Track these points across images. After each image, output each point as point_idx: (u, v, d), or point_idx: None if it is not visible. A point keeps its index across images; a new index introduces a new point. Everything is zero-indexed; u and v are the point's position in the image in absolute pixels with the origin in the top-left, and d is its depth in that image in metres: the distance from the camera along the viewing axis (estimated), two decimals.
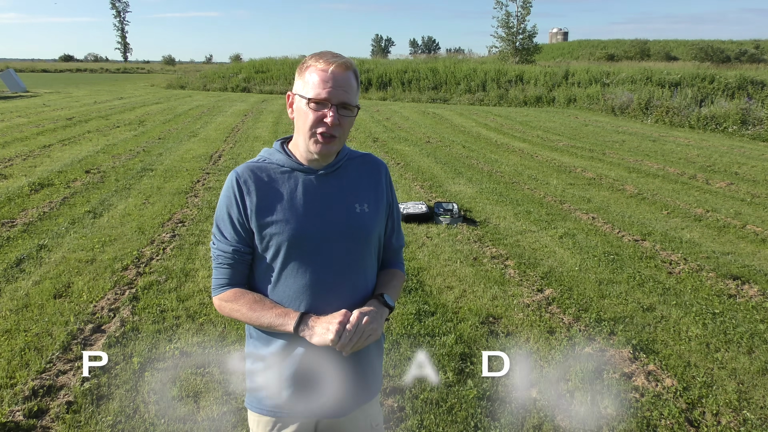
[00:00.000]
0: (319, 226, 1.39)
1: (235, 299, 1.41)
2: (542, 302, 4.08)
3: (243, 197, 1.37)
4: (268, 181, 1.40)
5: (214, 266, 1.43)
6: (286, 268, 1.39)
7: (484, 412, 2.79)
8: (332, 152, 1.39)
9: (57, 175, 7.88)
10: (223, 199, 1.40)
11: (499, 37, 36.52)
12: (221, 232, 1.40)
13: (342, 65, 1.34)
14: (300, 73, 1.39)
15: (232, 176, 1.40)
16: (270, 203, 1.37)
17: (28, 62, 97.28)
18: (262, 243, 1.39)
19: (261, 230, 1.37)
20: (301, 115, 1.36)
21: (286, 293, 1.40)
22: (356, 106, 1.38)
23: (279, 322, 1.36)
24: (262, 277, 1.43)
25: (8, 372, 3.05)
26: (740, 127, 14.41)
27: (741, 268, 4.79)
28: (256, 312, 1.38)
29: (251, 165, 1.42)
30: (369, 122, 15.55)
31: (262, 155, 1.46)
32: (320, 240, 1.39)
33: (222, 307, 1.44)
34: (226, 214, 1.39)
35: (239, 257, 1.40)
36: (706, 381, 3.12)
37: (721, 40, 54.07)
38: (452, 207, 6.21)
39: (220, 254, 1.41)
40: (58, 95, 24.65)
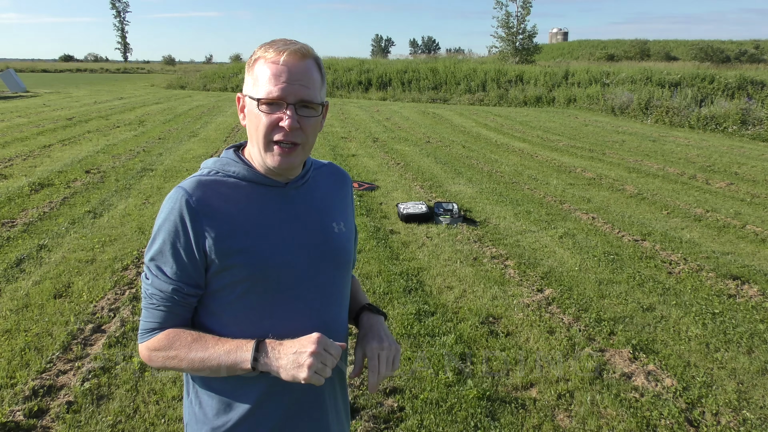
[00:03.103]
0: (295, 252, 1.13)
1: (169, 344, 1.09)
2: (542, 302, 4.09)
3: (195, 222, 1.06)
4: (227, 199, 1.10)
5: (144, 307, 1.12)
6: (253, 307, 1.11)
7: (484, 412, 2.79)
8: (295, 164, 1.12)
9: (57, 175, 7.88)
10: (165, 226, 1.08)
11: (499, 37, 36.51)
12: (159, 268, 1.08)
13: (297, 53, 1.07)
14: (248, 68, 1.12)
15: (177, 196, 1.08)
16: (231, 228, 1.08)
17: (28, 62, 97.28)
18: (220, 279, 1.09)
19: (221, 262, 1.07)
20: (253, 120, 1.09)
21: (249, 335, 1.09)
22: (321, 104, 1.11)
23: (230, 357, 1.06)
24: (216, 320, 1.13)
25: (8, 372, 3.05)
26: (740, 127, 14.41)
27: (741, 268, 4.79)
28: (197, 352, 1.07)
29: (202, 180, 1.11)
30: (369, 122, 15.55)
31: (210, 167, 1.15)
32: (298, 269, 1.13)
33: (152, 358, 1.11)
34: (169, 244, 1.07)
35: (180, 299, 1.10)
36: (706, 381, 3.12)
37: (721, 40, 54.10)
38: (452, 207, 6.21)
39: (155, 293, 1.09)
40: (58, 95, 24.66)
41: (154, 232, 1.10)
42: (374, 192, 7.32)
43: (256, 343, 1.06)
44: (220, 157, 1.18)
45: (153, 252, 1.10)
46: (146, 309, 1.12)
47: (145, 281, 1.11)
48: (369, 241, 5.26)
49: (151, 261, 1.10)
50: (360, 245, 5.17)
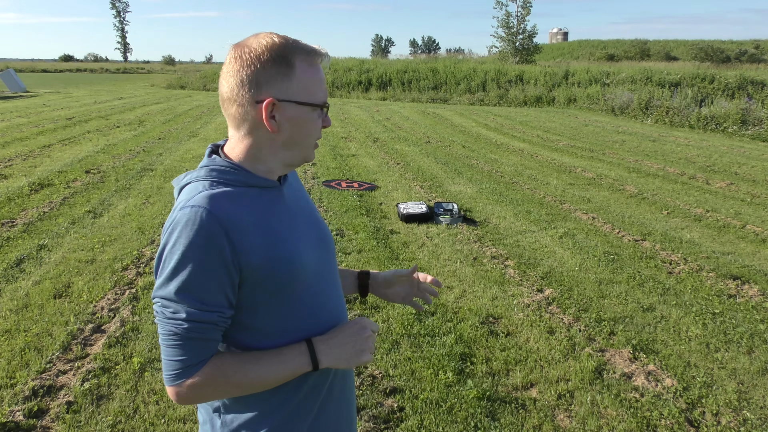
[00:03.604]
0: (310, 249, 1.14)
1: (220, 374, 1.03)
2: (542, 302, 4.08)
3: (228, 239, 0.99)
4: (244, 209, 1.04)
5: (174, 346, 1.00)
6: (289, 311, 1.10)
7: (484, 412, 2.79)
8: None
9: (57, 175, 7.88)
10: (192, 251, 0.97)
11: (499, 37, 36.53)
12: (195, 298, 0.99)
13: (325, 52, 1.10)
14: (287, 69, 1.04)
15: (197, 216, 0.98)
16: (260, 238, 1.04)
17: (28, 62, 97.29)
18: (255, 291, 1.05)
19: (257, 274, 1.03)
20: (303, 126, 1.08)
21: (291, 338, 1.10)
22: None
23: (289, 367, 1.06)
24: (250, 334, 1.09)
25: (8, 372, 3.05)
26: (740, 127, 14.41)
27: (741, 268, 4.79)
28: (252, 373, 1.04)
29: (213, 194, 1.02)
30: (369, 122, 15.55)
31: (206, 177, 1.06)
32: (316, 265, 1.14)
33: (198, 395, 1.03)
34: (204, 270, 0.98)
35: (222, 324, 1.03)
36: (706, 381, 3.12)
37: (721, 40, 54.11)
38: (452, 207, 6.21)
39: (192, 327, 0.99)
40: (58, 95, 24.66)
41: (175, 260, 0.98)
42: (374, 192, 7.32)
43: (309, 345, 1.09)
44: (208, 165, 1.08)
45: (181, 282, 0.98)
46: (179, 346, 1.00)
47: (174, 317, 0.99)
48: (369, 241, 5.26)
49: (180, 293, 0.98)
50: (360, 245, 5.17)
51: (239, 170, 1.08)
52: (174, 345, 1.00)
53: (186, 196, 1.03)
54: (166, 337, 1.01)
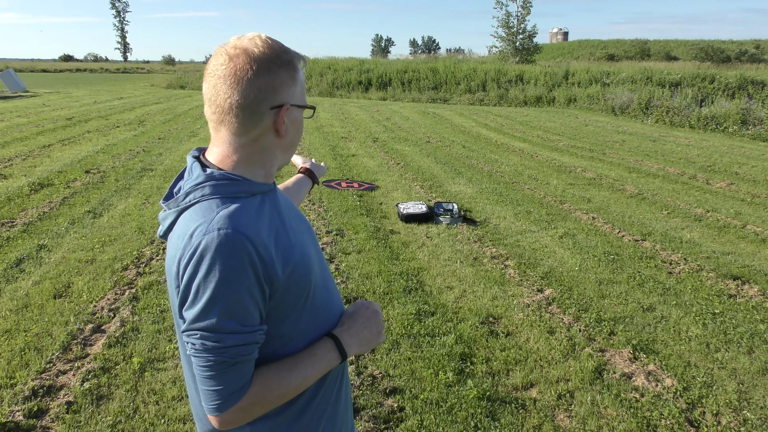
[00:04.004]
0: (308, 242, 1.15)
1: (267, 389, 1.04)
2: (542, 302, 4.08)
3: (260, 256, 0.97)
4: (260, 218, 1.03)
5: (221, 373, 0.98)
6: (308, 311, 1.11)
7: (484, 412, 2.79)
8: None
9: (57, 175, 7.88)
10: (227, 277, 0.95)
11: (499, 37, 36.54)
12: (239, 323, 0.97)
13: None
14: (294, 73, 1.06)
15: (230, 239, 0.95)
16: (280, 245, 1.03)
17: (28, 62, 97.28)
18: (284, 299, 1.05)
19: (285, 283, 1.03)
20: (300, 127, 1.11)
21: (310, 337, 1.12)
22: None
23: (323, 365, 1.10)
24: (278, 341, 1.08)
25: (8, 372, 3.05)
26: (740, 127, 14.41)
27: (741, 268, 4.79)
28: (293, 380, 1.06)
29: (229, 212, 0.99)
30: (369, 122, 15.55)
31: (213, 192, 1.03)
32: (318, 259, 1.16)
33: (249, 415, 1.04)
34: (243, 294, 0.96)
35: (262, 340, 1.03)
36: (706, 381, 3.12)
37: (721, 40, 54.10)
38: (452, 207, 6.21)
39: (239, 352, 0.98)
40: (57, 95, 24.65)
41: (211, 289, 0.94)
42: (374, 192, 7.32)
43: (333, 339, 1.13)
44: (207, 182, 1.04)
45: (223, 310, 0.95)
46: (225, 374, 0.98)
47: (219, 345, 0.96)
48: (369, 241, 5.26)
49: (223, 321, 0.95)
50: (360, 245, 5.17)
51: (239, 180, 1.05)
52: (219, 374, 0.98)
53: (200, 219, 0.98)
54: (209, 368, 0.97)
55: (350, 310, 1.21)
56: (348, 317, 1.19)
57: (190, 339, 0.98)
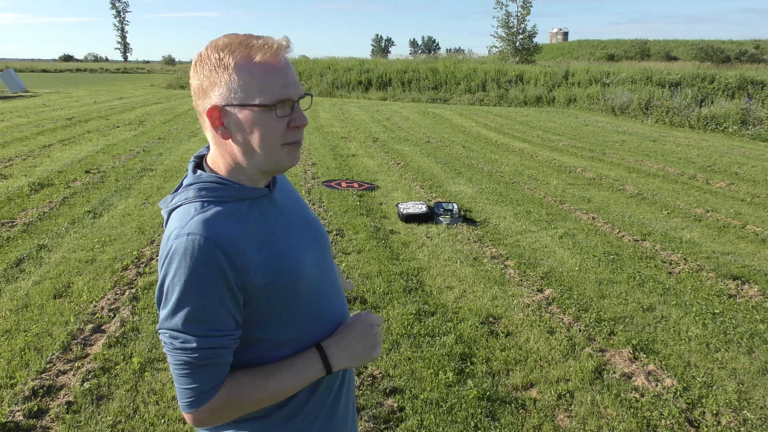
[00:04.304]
0: (307, 254, 1.11)
1: (238, 393, 1.03)
2: (542, 302, 4.08)
3: (230, 264, 0.97)
4: (239, 228, 1.01)
5: (187, 374, 0.99)
6: (296, 320, 1.09)
7: (484, 412, 2.79)
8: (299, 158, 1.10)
9: (57, 175, 7.88)
10: (195, 281, 0.95)
11: (499, 37, 36.53)
12: (205, 326, 0.97)
13: (283, 48, 1.01)
14: (224, 72, 0.98)
15: (195, 244, 0.95)
16: (259, 255, 1.01)
17: (28, 62, 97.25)
18: (262, 307, 1.04)
19: (262, 292, 1.02)
20: (256, 129, 1.00)
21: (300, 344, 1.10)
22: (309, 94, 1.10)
23: (304, 376, 1.07)
24: (260, 347, 1.08)
25: (8, 372, 3.05)
26: (740, 127, 14.41)
27: (741, 268, 4.79)
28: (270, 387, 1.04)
29: (207, 217, 0.99)
30: (369, 122, 15.55)
31: (195, 197, 1.03)
32: (314, 269, 1.12)
33: (219, 417, 1.03)
34: (210, 297, 0.96)
35: (233, 345, 1.02)
36: (706, 381, 3.12)
37: (721, 40, 54.11)
38: (452, 207, 6.21)
39: (206, 354, 0.98)
40: (58, 95, 24.65)
41: (178, 291, 0.95)
42: (374, 192, 7.32)
43: (320, 350, 1.09)
44: (195, 183, 1.05)
45: (187, 313, 0.96)
46: (192, 375, 0.99)
47: (185, 346, 0.97)
48: (369, 241, 5.26)
49: (188, 323, 0.96)
50: (360, 245, 5.17)
51: (228, 185, 1.04)
52: (188, 374, 0.99)
53: (178, 222, 0.99)
54: (178, 366, 0.99)
55: (347, 321, 1.17)
56: (342, 329, 1.15)
57: (162, 337, 1.00)
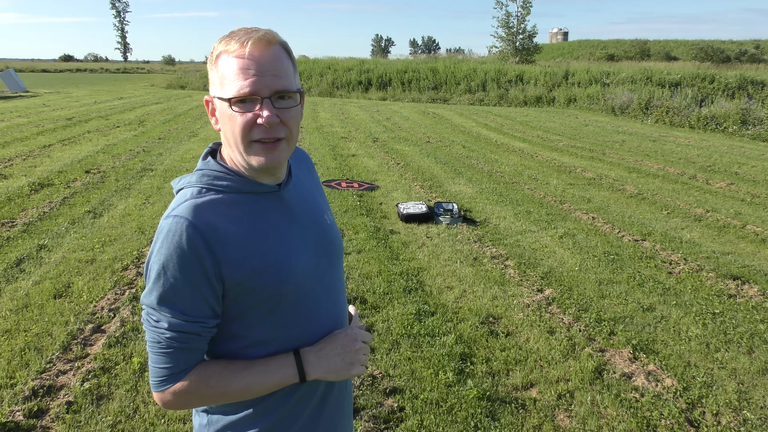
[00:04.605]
0: (306, 258, 1.10)
1: (204, 381, 1.02)
2: (542, 302, 4.08)
3: (209, 251, 0.97)
4: (231, 219, 1.01)
5: (158, 353, 1.01)
6: (279, 322, 1.07)
7: (484, 412, 2.79)
8: (282, 160, 1.04)
9: (57, 175, 7.88)
10: (173, 262, 0.96)
11: (499, 37, 36.53)
12: (176, 308, 0.98)
13: (262, 41, 0.98)
14: (211, 66, 1.03)
15: (179, 227, 0.96)
16: (246, 249, 1.01)
17: (28, 62, 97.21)
18: (243, 302, 1.03)
19: (242, 286, 1.01)
20: (227, 122, 1.01)
21: (280, 347, 1.09)
22: (298, 91, 1.04)
23: (275, 378, 1.05)
24: (239, 343, 1.07)
25: (8, 372, 3.05)
26: (740, 127, 14.41)
27: (741, 268, 4.79)
28: (238, 382, 1.03)
29: (198, 203, 1.00)
30: (369, 122, 15.55)
31: (196, 184, 1.04)
32: (311, 274, 1.10)
33: (182, 402, 1.03)
34: (185, 280, 0.97)
35: (205, 333, 1.02)
36: (706, 381, 3.12)
37: (721, 40, 54.11)
38: (452, 207, 6.21)
39: (175, 336, 0.99)
40: (58, 95, 24.65)
41: (156, 270, 0.97)
42: (374, 192, 7.32)
43: (296, 356, 1.07)
44: (202, 170, 1.06)
45: (162, 292, 0.97)
46: (163, 354, 1.00)
47: (157, 325, 0.99)
48: (369, 241, 5.26)
49: (161, 303, 0.98)
50: (360, 245, 5.17)
51: (232, 176, 1.04)
52: (159, 353, 1.01)
53: (173, 205, 1.02)
54: (152, 344, 1.01)
55: (334, 333, 1.14)
56: (326, 339, 1.12)
57: (142, 312, 1.02)
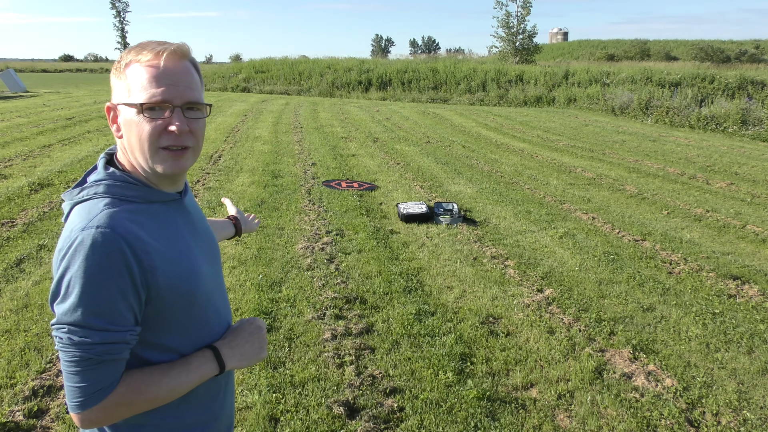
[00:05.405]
0: (207, 263, 1.16)
1: (134, 391, 1.02)
2: (542, 302, 4.08)
3: (136, 259, 0.98)
4: (145, 227, 1.03)
5: (86, 370, 0.98)
6: (191, 324, 1.11)
7: (484, 412, 2.79)
8: (186, 168, 1.07)
9: (57, 175, 7.88)
10: (98, 274, 0.95)
11: (499, 37, 36.53)
12: (106, 320, 0.97)
13: (176, 54, 1.03)
14: (117, 74, 1.05)
15: (107, 238, 0.96)
16: (164, 256, 1.03)
17: (28, 62, 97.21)
18: (161, 308, 1.04)
19: (162, 293, 1.03)
20: (133, 129, 1.03)
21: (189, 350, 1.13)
22: (207, 105, 1.08)
23: (198, 374, 1.10)
24: (154, 348, 1.08)
25: (8, 372, 3.05)
26: (740, 127, 14.41)
27: (741, 268, 4.79)
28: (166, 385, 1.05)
29: (113, 213, 1.00)
30: (369, 122, 15.55)
31: (104, 193, 1.03)
32: (211, 278, 1.17)
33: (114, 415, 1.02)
34: (114, 291, 0.96)
35: (133, 341, 1.02)
36: (706, 381, 3.12)
37: (721, 40, 54.13)
38: (452, 207, 6.21)
39: (106, 350, 0.97)
40: (58, 95, 24.65)
41: (80, 284, 0.95)
42: (374, 192, 7.32)
43: (213, 351, 1.14)
44: (107, 180, 1.05)
45: (89, 306, 0.95)
46: (91, 370, 0.98)
47: (83, 341, 0.96)
48: (369, 241, 5.26)
49: (90, 317, 0.96)
50: (360, 245, 5.17)
51: (139, 185, 1.06)
52: (84, 370, 0.98)
53: (86, 215, 0.99)
54: (75, 363, 0.98)
55: (234, 326, 1.23)
56: (231, 332, 1.20)
57: (58, 333, 0.98)
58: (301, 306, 3.88)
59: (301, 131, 13.23)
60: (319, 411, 2.76)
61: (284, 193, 7.04)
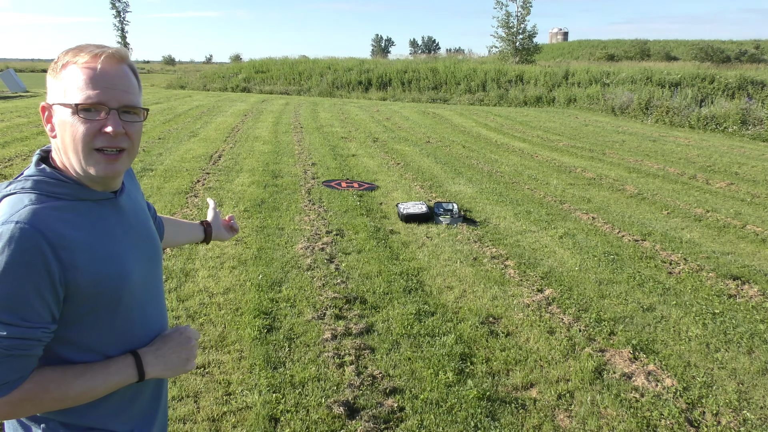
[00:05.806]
0: (140, 265, 1.14)
1: (42, 389, 1.01)
2: (542, 302, 4.08)
3: (54, 256, 0.97)
4: (71, 225, 1.02)
5: None
6: (116, 326, 1.10)
7: (484, 412, 2.79)
8: (121, 171, 1.07)
9: None
10: (14, 268, 0.94)
11: (499, 37, 36.54)
12: (17, 315, 0.96)
13: (114, 57, 1.04)
14: (54, 75, 1.05)
15: (20, 232, 0.95)
16: (89, 255, 1.02)
17: (28, 62, 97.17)
18: (82, 307, 1.03)
19: (84, 292, 1.02)
20: (67, 129, 1.02)
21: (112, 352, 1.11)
22: (144, 109, 1.09)
23: (115, 379, 1.08)
24: (74, 348, 1.07)
25: None
26: (740, 127, 14.42)
27: (741, 268, 4.79)
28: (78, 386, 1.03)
29: (38, 209, 0.99)
30: (369, 122, 15.56)
31: (32, 189, 1.02)
32: (143, 280, 1.15)
33: (19, 411, 1.02)
34: (27, 286, 0.95)
35: (45, 339, 1.01)
36: (706, 381, 3.12)
37: (721, 40, 54.14)
38: (452, 207, 6.21)
39: (14, 345, 0.96)
40: None
41: None
42: (374, 192, 7.32)
43: (135, 357, 1.11)
44: (36, 176, 1.04)
45: (3, 300, 0.94)
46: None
47: None
48: (369, 241, 5.26)
49: (2, 311, 0.95)
50: (360, 245, 5.17)
51: (69, 183, 1.05)
52: None
53: (9, 210, 0.98)
54: None
55: (165, 333, 1.20)
56: (159, 339, 1.18)
57: None
58: (301, 306, 3.88)
59: (301, 131, 13.24)
60: (319, 411, 2.76)
61: (284, 193, 7.04)
